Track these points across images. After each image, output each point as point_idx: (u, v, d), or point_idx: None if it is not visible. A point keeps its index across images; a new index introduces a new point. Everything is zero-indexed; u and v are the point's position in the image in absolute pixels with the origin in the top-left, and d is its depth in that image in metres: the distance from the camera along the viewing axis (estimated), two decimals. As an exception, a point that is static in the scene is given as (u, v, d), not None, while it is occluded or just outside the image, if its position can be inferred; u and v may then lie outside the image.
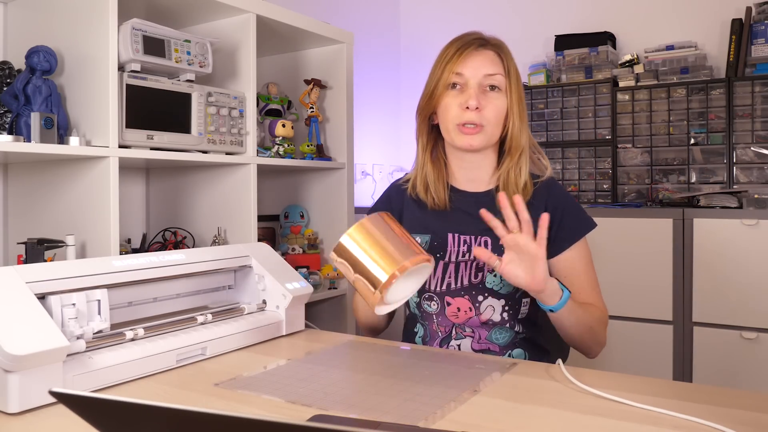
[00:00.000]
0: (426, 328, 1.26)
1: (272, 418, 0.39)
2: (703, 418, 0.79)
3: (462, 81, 1.19)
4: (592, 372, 1.00)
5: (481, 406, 0.86)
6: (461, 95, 1.18)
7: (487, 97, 1.18)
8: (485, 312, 1.20)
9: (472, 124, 1.17)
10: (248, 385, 0.95)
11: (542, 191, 1.23)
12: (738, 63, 2.45)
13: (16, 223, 1.61)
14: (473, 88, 1.17)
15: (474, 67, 1.18)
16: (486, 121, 1.17)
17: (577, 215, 1.23)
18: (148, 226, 1.98)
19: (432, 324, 1.25)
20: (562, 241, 1.20)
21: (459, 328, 1.22)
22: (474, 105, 1.16)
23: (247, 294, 1.34)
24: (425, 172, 1.26)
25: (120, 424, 0.47)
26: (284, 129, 1.97)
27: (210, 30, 1.81)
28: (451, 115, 1.19)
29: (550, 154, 2.79)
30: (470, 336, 1.21)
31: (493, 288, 1.20)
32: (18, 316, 0.85)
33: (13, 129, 1.39)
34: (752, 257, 2.05)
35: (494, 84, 1.18)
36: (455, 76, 1.19)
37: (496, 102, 1.18)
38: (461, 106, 1.17)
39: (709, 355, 2.11)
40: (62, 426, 0.79)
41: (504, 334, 1.21)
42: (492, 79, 1.18)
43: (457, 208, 1.25)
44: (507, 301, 1.20)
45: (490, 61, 1.19)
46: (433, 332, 1.25)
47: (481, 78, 1.18)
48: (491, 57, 1.20)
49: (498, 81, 1.19)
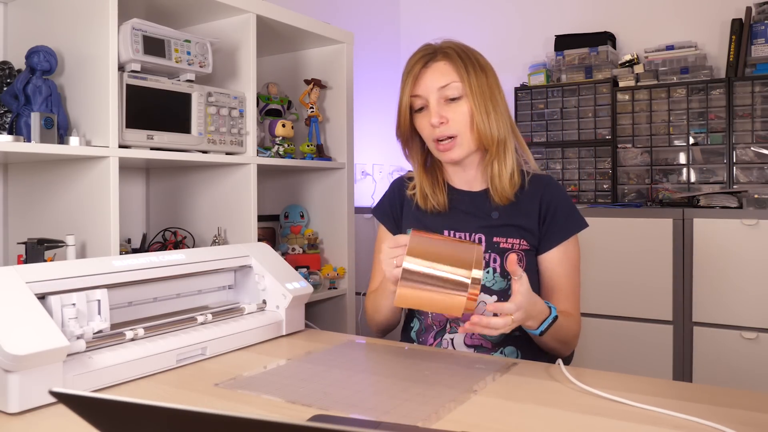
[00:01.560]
0: (421, 323, 1.29)
1: (272, 418, 0.39)
2: (704, 418, 0.79)
3: (422, 102, 1.21)
4: (592, 372, 1.00)
5: (481, 406, 0.86)
6: (427, 114, 1.21)
7: (449, 108, 1.20)
8: (478, 308, 1.21)
9: (446, 138, 1.20)
10: (248, 385, 0.95)
11: (539, 186, 1.25)
12: (738, 63, 2.45)
13: (16, 223, 1.61)
14: (433, 105, 1.19)
15: (426, 85, 1.20)
16: (456, 130, 1.20)
17: (569, 213, 1.24)
18: (148, 226, 1.98)
19: (427, 318, 1.27)
20: (552, 236, 1.23)
21: (453, 322, 1.24)
22: (437, 122, 1.18)
23: (247, 294, 1.34)
24: (422, 186, 1.29)
25: (120, 424, 0.47)
26: (284, 129, 1.97)
27: (210, 30, 1.81)
28: (426, 134, 1.23)
29: (550, 154, 2.79)
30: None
31: (485, 284, 1.22)
32: (18, 316, 0.85)
33: (13, 129, 1.39)
34: (752, 257, 2.05)
35: (451, 95, 1.19)
36: (415, 99, 1.22)
37: (459, 110, 1.20)
38: (429, 124, 1.20)
39: (709, 355, 2.11)
40: (62, 426, 0.79)
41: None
42: (446, 90, 1.19)
43: (454, 207, 1.28)
44: (499, 297, 1.22)
45: (440, 73, 1.20)
46: (428, 326, 1.27)
47: (437, 93, 1.19)
48: (441, 68, 1.20)
49: (453, 90, 1.19)
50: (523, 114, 2.85)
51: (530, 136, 2.82)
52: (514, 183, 1.23)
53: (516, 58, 3.03)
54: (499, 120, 1.21)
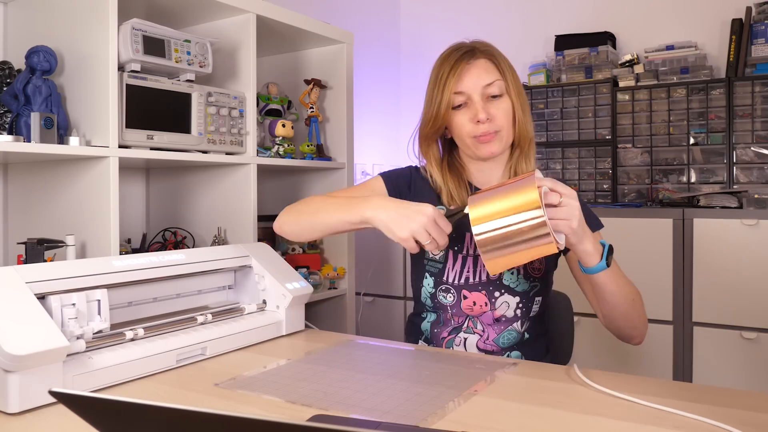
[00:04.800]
0: (439, 315, 1.27)
1: (272, 418, 0.39)
2: (705, 418, 0.79)
3: (464, 98, 1.20)
4: (593, 372, 1.00)
5: (481, 406, 0.86)
6: (469, 111, 1.20)
7: (492, 105, 1.20)
8: (500, 308, 1.22)
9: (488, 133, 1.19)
10: (248, 385, 0.95)
11: None
12: (738, 63, 2.45)
13: (16, 223, 1.61)
14: (478, 102, 1.19)
15: (472, 82, 1.19)
16: (499, 127, 1.20)
17: (585, 214, 1.23)
18: (148, 226, 1.98)
19: (446, 314, 1.26)
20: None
21: (471, 321, 1.23)
22: (484, 118, 1.18)
23: (247, 294, 1.34)
24: (448, 186, 1.26)
25: (120, 424, 0.47)
26: (284, 129, 1.97)
27: (210, 30, 1.81)
28: (466, 131, 1.21)
29: (550, 154, 2.79)
30: (479, 334, 1.23)
31: (509, 285, 1.22)
32: (18, 316, 0.85)
33: (13, 129, 1.39)
34: (752, 257, 2.05)
35: (494, 92, 1.20)
36: (456, 96, 1.20)
37: (502, 107, 1.20)
38: (472, 120, 1.19)
39: (709, 355, 2.11)
40: (62, 426, 0.79)
41: (512, 335, 1.23)
42: (491, 87, 1.20)
43: None
44: (522, 298, 1.22)
45: (485, 70, 1.20)
46: (447, 320, 1.26)
47: (482, 90, 1.19)
48: (484, 66, 1.21)
49: (498, 87, 1.20)
50: (523, 114, 2.84)
51: (530, 136, 2.82)
52: None
53: (516, 58, 3.00)
54: (530, 120, 1.24)
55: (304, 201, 1.26)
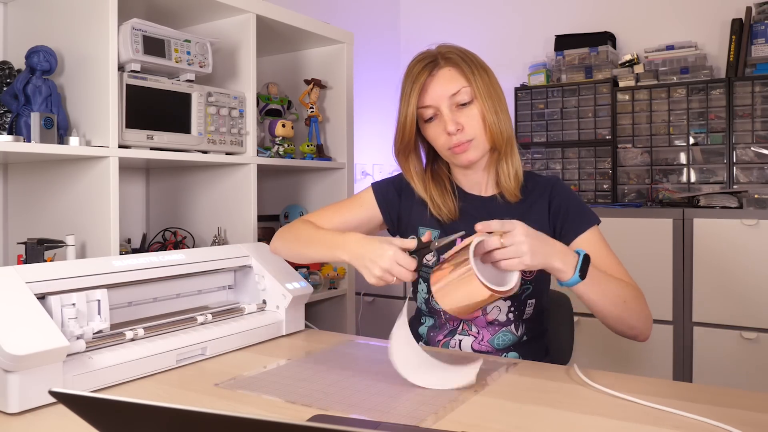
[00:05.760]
0: (435, 320, 1.28)
1: (272, 418, 0.39)
2: (705, 418, 0.79)
3: (433, 111, 1.18)
4: (592, 372, 1.00)
5: (481, 406, 0.86)
6: (440, 123, 1.18)
7: (462, 114, 1.17)
8: (491, 312, 1.22)
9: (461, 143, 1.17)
10: (248, 385, 0.95)
11: (546, 188, 1.24)
12: (738, 63, 2.45)
13: (16, 223, 1.61)
14: (446, 114, 1.16)
15: (437, 93, 1.17)
16: (471, 135, 1.17)
17: (581, 210, 1.23)
18: (148, 226, 1.98)
19: (440, 318, 1.27)
20: (568, 233, 1.21)
21: (466, 324, 1.23)
22: (454, 129, 1.16)
23: (247, 294, 1.34)
24: (432, 196, 1.25)
25: (120, 424, 0.47)
26: (284, 129, 1.97)
27: (210, 30, 1.81)
28: (440, 143, 1.20)
29: (550, 154, 2.79)
30: (474, 336, 1.23)
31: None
32: (18, 316, 0.85)
33: (13, 129, 1.39)
34: (752, 257, 2.05)
35: (462, 100, 1.17)
36: (424, 110, 1.19)
37: (472, 113, 1.17)
38: (444, 132, 1.17)
39: (709, 355, 2.11)
40: (62, 426, 0.79)
41: (507, 337, 1.22)
42: (458, 96, 1.16)
43: (465, 211, 1.25)
44: (513, 302, 1.21)
45: (449, 79, 1.17)
46: (442, 324, 1.26)
47: (448, 100, 1.17)
48: (448, 75, 1.17)
49: (465, 94, 1.17)
50: (523, 114, 2.84)
51: (530, 136, 2.82)
52: (518, 179, 1.23)
53: (516, 58, 3.03)
54: (506, 118, 1.20)
55: (295, 228, 1.28)
